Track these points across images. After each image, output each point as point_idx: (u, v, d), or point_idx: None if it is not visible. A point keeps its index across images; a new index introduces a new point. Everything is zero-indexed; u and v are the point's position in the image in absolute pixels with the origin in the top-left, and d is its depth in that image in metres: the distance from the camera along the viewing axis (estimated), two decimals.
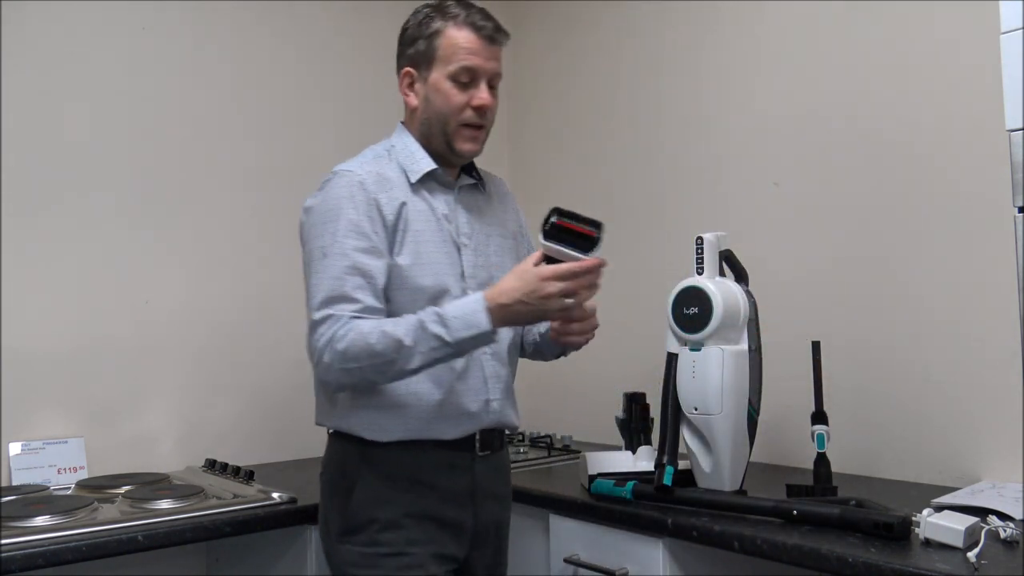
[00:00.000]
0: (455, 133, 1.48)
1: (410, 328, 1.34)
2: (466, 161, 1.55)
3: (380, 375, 1.38)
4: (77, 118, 2.06)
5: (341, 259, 1.39)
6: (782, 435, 1.92)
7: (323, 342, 1.36)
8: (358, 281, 1.39)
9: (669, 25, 2.29)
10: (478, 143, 1.50)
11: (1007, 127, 1.16)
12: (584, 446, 2.24)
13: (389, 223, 1.44)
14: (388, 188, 1.46)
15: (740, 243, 1.71)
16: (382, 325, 1.35)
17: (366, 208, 1.43)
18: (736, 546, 1.36)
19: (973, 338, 1.67)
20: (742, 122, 2.11)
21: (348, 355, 1.35)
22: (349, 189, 1.44)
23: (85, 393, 2.02)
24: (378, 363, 1.35)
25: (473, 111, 1.47)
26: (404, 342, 1.33)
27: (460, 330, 1.34)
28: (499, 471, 1.57)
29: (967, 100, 1.68)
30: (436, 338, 1.33)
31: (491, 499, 1.52)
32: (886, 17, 1.82)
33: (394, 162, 1.51)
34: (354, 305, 1.38)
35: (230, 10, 2.30)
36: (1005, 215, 1.21)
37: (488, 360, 1.51)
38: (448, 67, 1.46)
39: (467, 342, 1.35)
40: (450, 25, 1.46)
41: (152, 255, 2.14)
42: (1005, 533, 1.25)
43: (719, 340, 1.54)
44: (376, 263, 1.41)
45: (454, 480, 1.47)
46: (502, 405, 1.52)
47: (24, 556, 1.38)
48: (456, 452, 1.47)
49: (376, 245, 1.42)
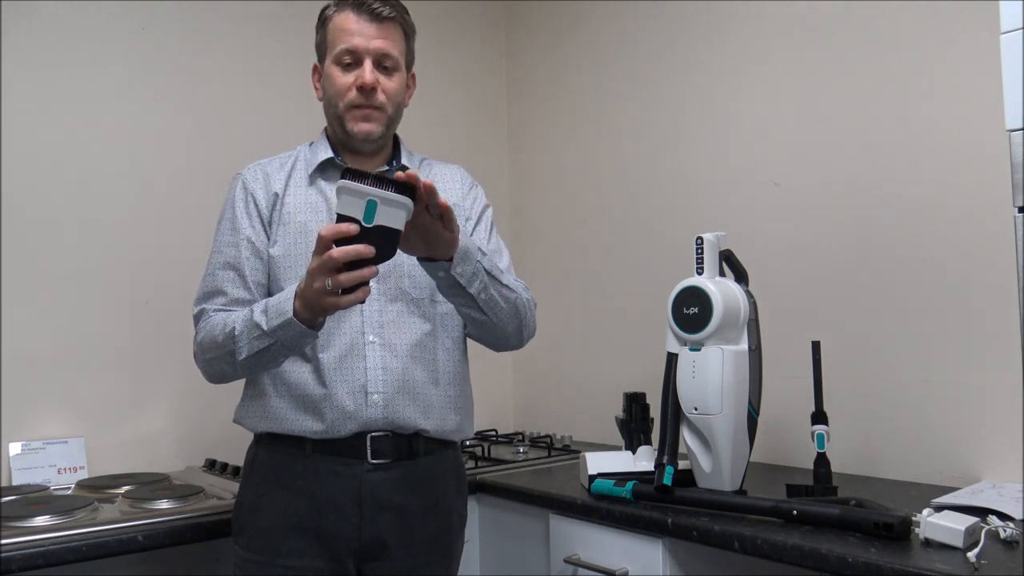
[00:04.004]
0: (345, 115, 1.44)
1: (243, 317, 1.34)
2: (372, 145, 1.48)
3: (228, 366, 1.37)
4: (77, 118, 2.05)
5: (217, 256, 1.46)
6: (782, 435, 1.92)
7: (195, 337, 1.44)
8: (229, 275, 1.44)
9: (669, 25, 2.29)
10: (373, 123, 1.44)
11: (1007, 127, 1.16)
12: (584, 446, 2.24)
13: (265, 216, 1.46)
14: (267, 183, 1.48)
15: (740, 243, 1.71)
16: (230, 316, 1.37)
17: (244, 204, 1.47)
18: (736, 546, 1.36)
19: (973, 338, 1.67)
20: (742, 122, 2.11)
21: (203, 346, 1.41)
22: (234, 190, 1.50)
23: (85, 393, 2.02)
24: (221, 354, 1.36)
25: (358, 91, 1.42)
26: (235, 332, 1.34)
27: (274, 318, 1.29)
28: (408, 482, 1.41)
29: (967, 99, 1.68)
30: (256, 327, 1.31)
31: (390, 512, 1.39)
32: (887, 17, 1.82)
33: (298, 159, 1.52)
34: (223, 298, 1.43)
35: (230, 10, 2.30)
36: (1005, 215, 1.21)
37: (374, 349, 1.40)
38: (333, 52, 1.44)
39: (280, 331, 1.28)
40: (336, 11, 1.45)
41: (152, 255, 2.13)
42: (1005, 533, 1.25)
43: (719, 340, 1.54)
44: (247, 256, 1.44)
45: (337, 489, 1.38)
46: (391, 402, 1.39)
47: (24, 556, 1.38)
48: (342, 459, 1.39)
49: (250, 238, 1.45)
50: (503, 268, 1.47)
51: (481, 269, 1.34)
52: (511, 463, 2.10)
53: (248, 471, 1.48)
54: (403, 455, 1.41)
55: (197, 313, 1.46)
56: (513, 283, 1.45)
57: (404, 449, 1.42)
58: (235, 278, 1.44)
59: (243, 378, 1.46)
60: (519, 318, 1.46)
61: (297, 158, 1.53)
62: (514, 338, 1.49)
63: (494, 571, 1.89)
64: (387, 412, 1.39)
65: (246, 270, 1.44)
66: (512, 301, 1.43)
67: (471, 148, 2.72)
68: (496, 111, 2.84)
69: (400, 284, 1.44)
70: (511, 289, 1.43)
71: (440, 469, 1.47)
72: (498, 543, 1.89)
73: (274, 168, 1.52)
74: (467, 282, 1.32)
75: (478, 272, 1.33)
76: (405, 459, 1.42)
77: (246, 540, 1.42)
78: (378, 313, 1.42)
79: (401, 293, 1.45)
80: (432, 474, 1.46)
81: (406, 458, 1.42)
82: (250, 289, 1.43)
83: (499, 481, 1.88)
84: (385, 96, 1.44)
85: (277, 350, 1.32)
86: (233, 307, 1.41)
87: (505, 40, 2.85)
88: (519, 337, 1.50)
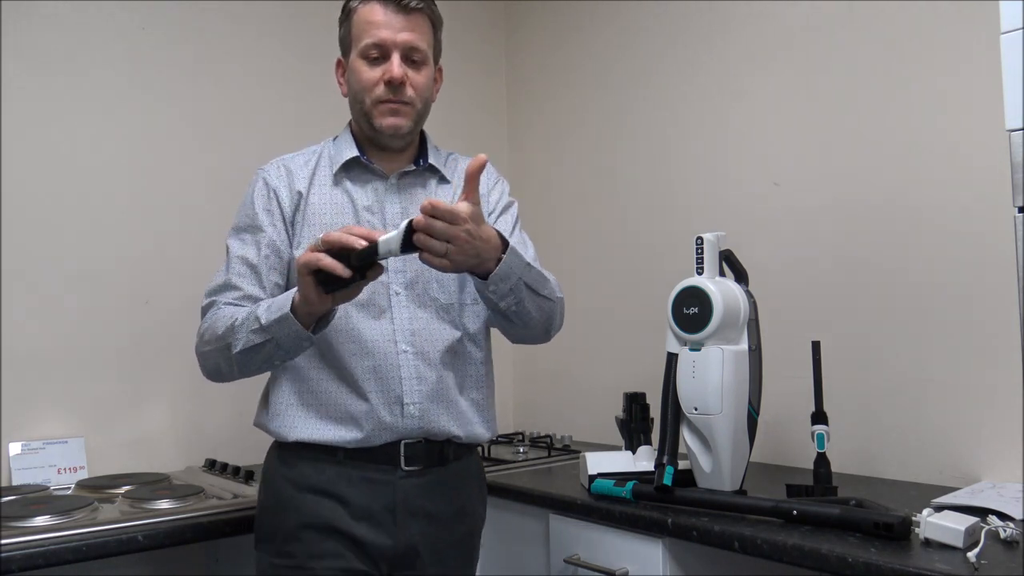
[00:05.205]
0: (372, 111, 1.40)
1: (248, 310, 1.32)
2: (400, 141, 1.45)
3: (224, 361, 1.34)
4: (76, 118, 2.05)
5: (236, 252, 1.42)
6: (782, 435, 1.92)
7: (199, 327, 1.40)
8: (245, 271, 1.40)
9: (669, 25, 2.29)
10: (401, 117, 1.40)
11: (1007, 127, 1.16)
12: (584, 446, 2.24)
13: (288, 215, 1.43)
14: (290, 180, 1.44)
15: (740, 243, 1.71)
16: (239, 310, 1.34)
17: (265, 201, 1.43)
18: (736, 546, 1.36)
19: (973, 338, 1.67)
20: (742, 122, 2.11)
21: (203, 337, 1.37)
22: (256, 185, 1.46)
23: (85, 393, 2.02)
24: (220, 346, 1.33)
25: (385, 86, 1.38)
26: (235, 323, 1.31)
27: (273, 312, 1.26)
28: (439, 488, 1.42)
29: (967, 99, 1.68)
30: (255, 320, 1.28)
31: (422, 518, 1.39)
32: (887, 17, 1.82)
33: (322, 156, 1.48)
34: (235, 293, 1.39)
35: (230, 10, 2.29)
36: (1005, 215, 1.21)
37: (407, 359, 1.38)
38: (359, 45, 1.39)
39: (275, 327, 1.26)
40: (361, 3, 1.40)
41: (152, 255, 2.13)
42: (1005, 533, 1.25)
43: (719, 340, 1.54)
44: (266, 254, 1.41)
45: (371, 496, 1.36)
46: (426, 412, 1.38)
47: (24, 556, 1.38)
48: (375, 465, 1.37)
49: (272, 238, 1.41)
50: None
51: (521, 286, 1.31)
52: (511, 463, 2.10)
53: (271, 475, 1.44)
54: (434, 462, 1.41)
55: (207, 304, 1.42)
56: (553, 292, 1.43)
57: (436, 455, 1.41)
58: (251, 275, 1.41)
59: (239, 379, 1.40)
60: (549, 323, 1.45)
61: (321, 155, 1.48)
62: (540, 338, 1.48)
63: (494, 571, 1.89)
64: (423, 423, 1.38)
65: (263, 269, 1.41)
66: (547, 311, 1.41)
67: (471, 148, 2.67)
68: (496, 111, 2.84)
69: (428, 290, 1.42)
70: (549, 299, 1.40)
71: (466, 474, 1.48)
72: (498, 543, 1.89)
73: (297, 165, 1.47)
74: (498, 299, 1.30)
75: (517, 288, 1.30)
76: (436, 465, 1.41)
77: (276, 546, 1.38)
78: (408, 321, 1.40)
79: (430, 299, 1.42)
80: (459, 479, 1.45)
81: (437, 464, 1.41)
82: (265, 289, 1.41)
83: (499, 481, 1.87)
84: (414, 90, 1.41)
85: (272, 350, 1.28)
86: (245, 303, 1.38)
87: (505, 40, 2.85)
88: (545, 336, 1.49)
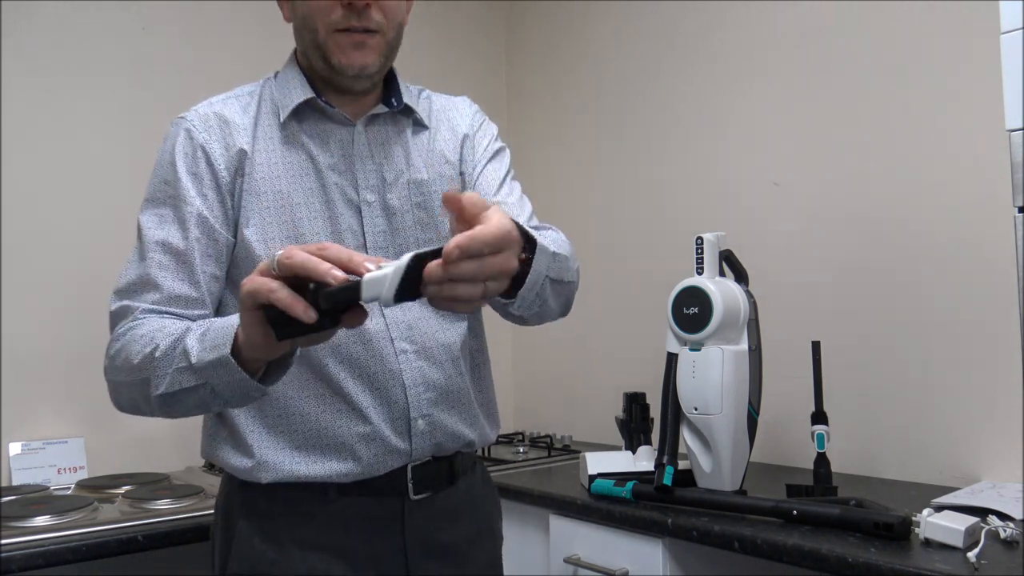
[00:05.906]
0: (328, 43, 1.08)
1: (174, 334, 0.95)
2: (367, 82, 1.12)
3: (143, 400, 0.97)
4: (76, 118, 2.05)
5: (152, 230, 1.08)
6: (782, 435, 1.92)
7: (108, 344, 1.03)
8: (165, 259, 1.06)
9: (669, 25, 2.28)
10: (368, 51, 1.08)
11: (1007, 127, 1.16)
12: (584, 446, 2.24)
13: (225, 182, 1.08)
14: (225, 134, 1.10)
15: (740, 243, 1.71)
16: (165, 329, 0.97)
17: (191, 162, 1.08)
18: (736, 546, 1.36)
19: (973, 338, 1.67)
20: (742, 122, 2.11)
21: (114, 363, 1.01)
22: (176, 141, 1.10)
23: (85, 393, 2.01)
24: (135, 380, 0.96)
25: (344, 9, 1.06)
26: (155, 352, 0.94)
27: (207, 348, 0.89)
28: (451, 513, 1.16)
29: (967, 99, 1.68)
30: (184, 355, 0.91)
31: (437, 553, 1.13)
32: (887, 17, 1.82)
33: (263, 98, 1.16)
34: (155, 294, 1.04)
35: (230, 10, 2.29)
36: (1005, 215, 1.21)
37: (408, 360, 1.11)
38: None
39: (211, 371, 0.88)
40: None
41: None
42: (1005, 533, 1.25)
43: (719, 340, 1.54)
44: (196, 236, 1.06)
45: (375, 539, 1.09)
46: (437, 424, 1.12)
47: (24, 556, 1.38)
48: (378, 499, 1.09)
49: (201, 212, 1.07)
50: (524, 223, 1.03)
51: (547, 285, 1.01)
52: (511, 463, 2.10)
53: (239, 531, 1.09)
54: (444, 483, 1.16)
55: (117, 310, 1.05)
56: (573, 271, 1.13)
57: (445, 475, 1.16)
58: (176, 266, 1.05)
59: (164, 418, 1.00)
60: (567, 305, 1.17)
61: (262, 97, 1.16)
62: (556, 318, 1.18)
63: None
64: (433, 439, 1.12)
65: (194, 256, 1.06)
66: (567, 295, 1.13)
67: None
68: (496, 111, 2.83)
69: None
70: (572, 282, 1.12)
71: (476, 489, 1.23)
72: None
73: (234, 112, 1.13)
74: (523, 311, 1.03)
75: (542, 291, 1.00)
76: (446, 486, 1.16)
77: None
78: (401, 312, 1.11)
79: None
80: (471, 497, 1.21)
81: (447, 485, 1.16)
82: (199, 284, 1.06)
83: (499, 481, 1.87)
84: (382, 13, 1.08)
85: (206, 396, 0.91)
86: (171, 308, 1.03)
87: (505, 40, 2.85)
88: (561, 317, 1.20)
